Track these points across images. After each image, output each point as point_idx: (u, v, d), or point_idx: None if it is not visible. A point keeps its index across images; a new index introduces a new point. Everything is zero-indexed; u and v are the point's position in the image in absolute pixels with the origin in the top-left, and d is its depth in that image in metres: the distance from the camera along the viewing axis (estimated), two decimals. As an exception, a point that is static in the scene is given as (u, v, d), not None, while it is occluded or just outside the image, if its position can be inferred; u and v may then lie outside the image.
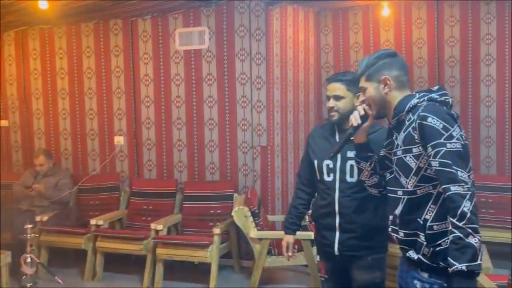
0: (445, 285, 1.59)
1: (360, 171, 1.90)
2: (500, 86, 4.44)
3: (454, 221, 1.47)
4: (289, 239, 2.40)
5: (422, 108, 1.61)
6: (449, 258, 1.48)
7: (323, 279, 2.36)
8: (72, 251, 4.29)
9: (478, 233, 1.46)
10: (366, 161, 1.85)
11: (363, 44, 4.84)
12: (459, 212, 1.47)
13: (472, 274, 1.45)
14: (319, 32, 4.96)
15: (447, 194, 1.50)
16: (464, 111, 4.55)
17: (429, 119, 1.56)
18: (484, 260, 2.99)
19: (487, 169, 4.54)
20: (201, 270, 3.85)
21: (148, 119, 4.55)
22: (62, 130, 4.87)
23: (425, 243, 1.61)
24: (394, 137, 1.72)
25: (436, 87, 1.70)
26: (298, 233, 2.45)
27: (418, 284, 1.65)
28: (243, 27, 4.14)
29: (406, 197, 1.66)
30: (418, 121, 1.58)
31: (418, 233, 1.63)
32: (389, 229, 1.77)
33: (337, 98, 2.17)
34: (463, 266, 1.43)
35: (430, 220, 1.60)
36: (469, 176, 1.53)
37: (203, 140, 4.37)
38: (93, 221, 4.02)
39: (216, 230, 3.69)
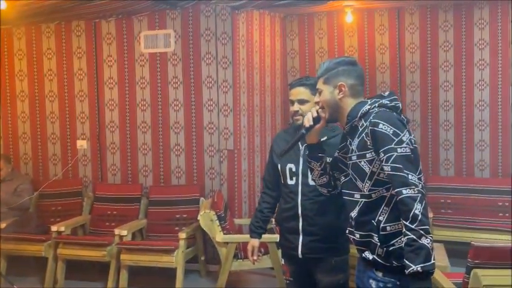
0: (398, 283, 1.65)
1: (311, 170, 1.94)
2: (458, 91, 4.63)
3: (406, 223, 1.53)
4: (254, 243, 2.41)
5: (374, 114, 1.67)
6: (405, 260, 1.53)
7: (288, 282, 2.38)
8: (32, 259, 4.14)
9: (430, 233, 1.53)
10: (317, 161, 1.89)
11: (327, 49, 4.94)
12: (411, 214, 1.52)
13: (427, 274, 1.50)
14: (285, 37, 5.02)
15: (399, 197, 1.56)
16: (424, 115, 4.72)
17: (380, 126, 1.62)
18: (442, 259, 3.10)
19: (445, 171, 4.71)
20: (167, 275, 3.80)
21: (113, 122, 4.47)
22: (21, 134, 4.71)
23: (379, 243, 1.66)
24: (348, 142, 1.77)
25: (387, 93, 1.77)
26: (264, 235, 2.46)
27: (373, 283, 1.70)
28: (209, 31, 4.13)
29: (364, 200, 1.71)
30: (370, 127, 1.64)
31: (372, 234, 1.68)
32: (347, 231, 1.82)
33: (301, 102, 2.21)
34: (418, 267, 1.49)
35: (383, 221, 1.66)
36: (419, 178, 1.59)
37: (169, 144, 4.32)
38: (54, 228, 3.90)
39: (182, 235, 3.66)
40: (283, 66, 5.00)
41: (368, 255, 1.71)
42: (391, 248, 1.64)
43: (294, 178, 2.25)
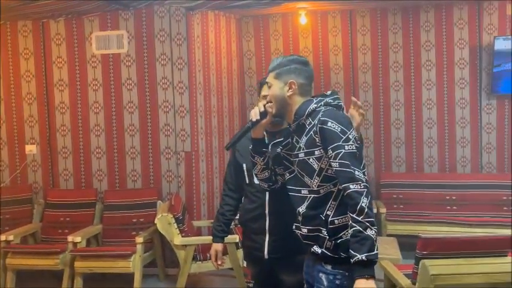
0: (347, 274, 1.71)
1: (254, 165, 1.95)
2: (407, 91, 4.82)
3: (353, 215, 1.60)
4: (217, 247, 2.37)
5: (322, 113, 1.72)
6: (350, 250, 1.60)
7: (250, 285, 2.35)
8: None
9: (375, 226, 1.60)
10: (260, 156, 1.90)
11: (283, 50, 5.00)
12: (358, 207, 1.60)
13: (371, 263, 1.57)
14: (241, 38, 5.05)
15: (347, 191, 1.63)
16: (376, 114, 4.88)
17: (329, 123, 1.68)
18: (395, 252, 3.23)
19: (397, 168, 4.89)
20: (124, 281, 3.71)
21: (64, 126, 4.32)
22: (-36, 139, 4.45)
23: (327, 237, 1.72)
24: (295, 140, 1.81)
25: (329, 92, 1.83)
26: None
27: (323, 276, 1.75)
28: (163, 31, 4.08)
29: (312, 195, 1.76)
30: (319, 125, 1.70)
31: (321, 228, 1.74)
32: (293, 227, 1.86)
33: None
34: (363, 256, 1.56)
35: (331, 215, 1.72)
36: (363, 173, 1.67)
37: (124, 147, 4.23)
38: (2, 237, 3.72)
39: (139, 239, 3.59)
40: (240, 67, 5.02)
41: (317, 249, 1.76)
42: (339, 241, 1.70)
43: None
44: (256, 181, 2.22)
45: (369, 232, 1.58)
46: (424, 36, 4.74)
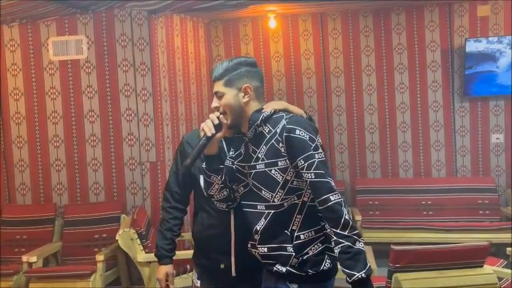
0: None
1: (210, 185, 1.73)
2: (380, 95, 4.73)
3: (338, 230, 1.49)
4: (168, 269, 2.08)
5: (287, 120, 1.58)
6: (344, 269, 1.48)
7: None
8: None
9: (361, 236, 1.51)
10: (217, 174, 1.69)
11: (254, 55, 4.86)
12: (342, 221, 1.49)
13: (369, 278, 1.49)
14: (210, 43, 4.88)
15: (328, 204, 1.51)
16: (350, 119, 4.77)
17: (297, 131, 1.54)
18: (370, 262, 3.09)
19: (372, 173, 4.79)
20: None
21: (20, 137, 4.06)
22: None
23: (293, 254, 1.58)
24: (251, 150, 1.65)
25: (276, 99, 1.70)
26: (191, 252, 2.15)
27: None
28: (124, 36, 3.88)
29: (272, 211, 1.60)
30: (285, 134, 1.55)
31: (285, 245, 1.60)
32: (249, 245, 1.70)
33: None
34: (362, 274, 1.46)
35: (297, 230, 1.59)
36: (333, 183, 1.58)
37: (85, 159, 4.00)
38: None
39: (100, 257, 3.37)
40: (210, 72, 4.84)
41: (280, 268, 1.61)
42: (305, 257, 1.59)
43: None
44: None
45: (359, 245, 1.48)
46: (396, 39, 4.67)
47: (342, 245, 1.47)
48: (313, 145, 1.54)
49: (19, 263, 3.48)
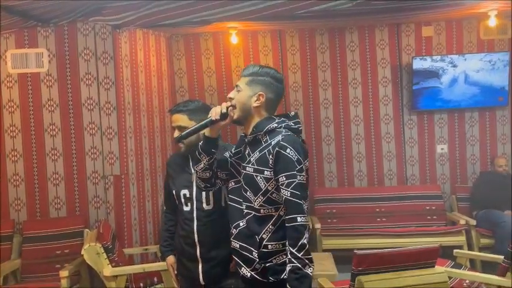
0: None
1: (197, 161, 1.88)
2: (336, 108, 5.00)
3: (293, 251, 1.60)
4: (171, 260, 2.35)
5: (283, 137, 1.68)
6: (289, 286, 1.59)
7: None
8: None
9: (313, 262, 1.62)
10: (207, 155, 1.83)
11: (215, 69, 4.98)
12: (300, 243, 1.60)
13: None
14: (172, 57, 4.95)
15: (293, 223, 1.61)
16: (308, 131, 4.99)
17: (288, 150, 1.65)
18: (331, 268, 3.27)
19: (329, 182, 5.02)
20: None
21: (-25, 152, 3.92)
22: None
23: (257, 259, 1.70)
24: (247, 152, 1.77)
25: (292, 114, 1.81)
26: (157, 264, 2.46)
27: None
28: (88, 50, 3.88)
29: (252, 212, 1.72)
30: (276, 149, 1.66)
31: (252, 249, 1.71)
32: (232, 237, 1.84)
33: (180, 128, 2.15)
34: None
35: (266, 239, 1.70)
36: (306, 206, 1.67)
37: (45, 173, 3.92)
38: None
39: (64, 273, 3.31)
40: (171, 86, 4.91)
41: (246, 272, 1.74)
42: (268, 264, 1.69)
43: (189, 204, 2.19)
44: (185, 208, 2.20)
45: (308, 270, 1.59)
46: (350, 55, 4.96)
47: (293, 265, 1.58)
48: (299, 167, 1.64)
49: (-25, 282, 3.35)
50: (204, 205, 2.16)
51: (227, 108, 1.76)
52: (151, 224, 4.30)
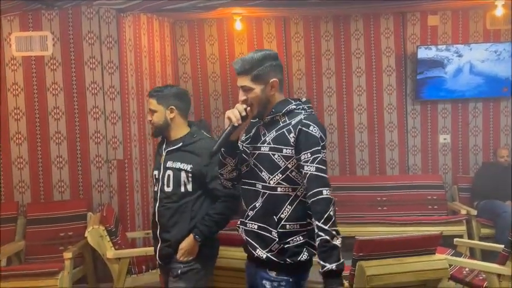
0: (291, 280, 1.72)
1: (223, 166, 1.86)
2: (339, 97, 4.99)
3: (319, 224, 1.61)
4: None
5: (305, 116, 1.71)
6: (319, 260, 1.61)
7: None
8: None
9: (340, 234, 1.63)
10: (233, 158, 1.83)
11: (219, 55, 4.97)
12: (326, 215, 1.61)
13: (340, 272, 1.60)
14: (176, 42, 4.94)
15: (319, 196, 1.63)
16: (311, 119, 4.98)
17: (311, 128, 1.68)
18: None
19: (331, 171, 5.03)
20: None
21: (-21, 134, 3.94)
22: None
23: (276, 239, 1.70)
24: (262, 133, 1.77)
25: (304, 99, 1.81)
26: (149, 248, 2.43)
27: (267, 283, 1.73)
28: (92, 33, 3.87)
29: (268, 192, 1.73)
30: (299, 127, 1.68)
31: (271, 229, 1.72)
32: (239, 222, 1.84)
33: (150, 111, 2.28)
34: (333, 266, 1.58)
35: (284, 219, 1.71)
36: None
37: (49, 156, 3.94)
38: None
39: (68, 254, 3.35)
40: (175, 71, 4.90)
41: (261, 254, 1.73)
42: (286, 246, 1.70)
43: (157, 184, 2.28)
44: (155, 188, 2.29)
45: (336, 241, 1.60)
46: (355, 44, 4.94)
47: (321, 237, 1.59)
48: (322, 144, 1.68)
49: (-21, 263, 3.40)
50: (165, 187, 2.23)
51: (245, 109, 1.74)
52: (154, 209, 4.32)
